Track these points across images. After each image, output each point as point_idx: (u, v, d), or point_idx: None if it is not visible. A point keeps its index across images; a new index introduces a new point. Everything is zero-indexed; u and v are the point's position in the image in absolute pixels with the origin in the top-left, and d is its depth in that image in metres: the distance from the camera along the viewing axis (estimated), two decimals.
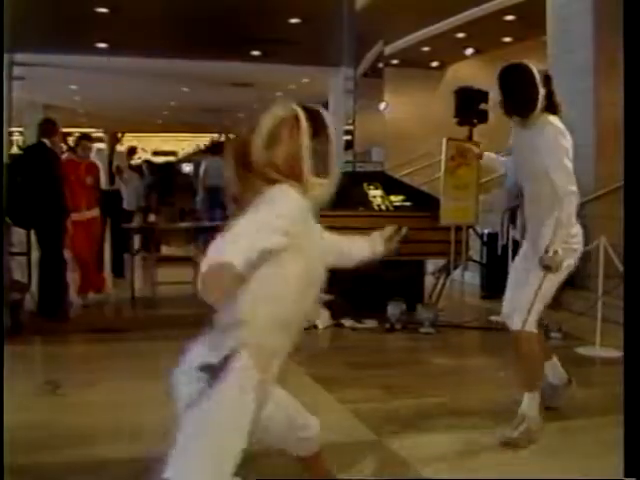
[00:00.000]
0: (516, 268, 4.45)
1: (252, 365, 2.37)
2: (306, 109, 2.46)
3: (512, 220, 10.02)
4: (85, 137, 8.84)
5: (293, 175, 2.38)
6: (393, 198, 8.02)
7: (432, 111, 15.53)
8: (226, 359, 2.33)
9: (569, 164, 4.02)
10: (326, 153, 2.47)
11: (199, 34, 14.25)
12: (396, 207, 7.94)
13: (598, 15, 8.71)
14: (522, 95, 4.16)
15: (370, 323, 7.34)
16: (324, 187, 2.49)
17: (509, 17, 12.87)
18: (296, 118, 2.43)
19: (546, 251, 3.99)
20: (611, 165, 8.63)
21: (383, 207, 7.90)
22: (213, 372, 2.28)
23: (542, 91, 4.12)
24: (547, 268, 4.03)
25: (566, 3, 9.40)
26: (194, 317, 8.18)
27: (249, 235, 2.11)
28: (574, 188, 4.00)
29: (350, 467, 3.78)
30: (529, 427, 4.15)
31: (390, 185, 8.30)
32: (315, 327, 7.19)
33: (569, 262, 4.16)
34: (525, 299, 4.19)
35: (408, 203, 8.05)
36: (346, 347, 6.71)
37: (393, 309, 7.28)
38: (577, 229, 4.19)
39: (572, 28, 9.18)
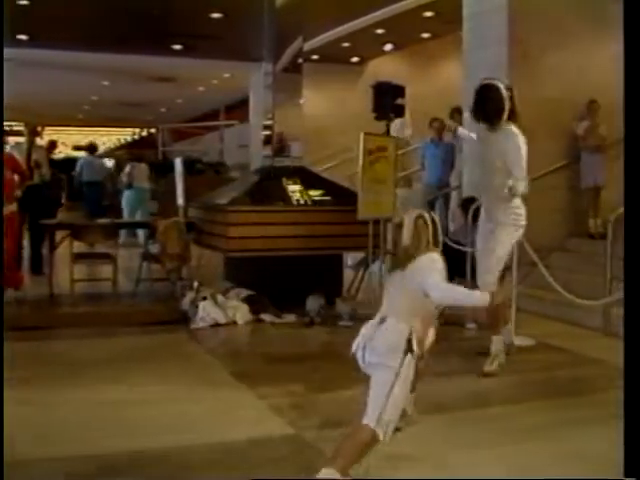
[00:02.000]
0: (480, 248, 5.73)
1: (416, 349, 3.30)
2: None
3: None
4: None
5: None
6: (312, 193, 8.02)
7: (351, 106, 15.59)
8: (409, 342, 3.28)
9: (524, 161, 5.34)
10: None
11: (120, 27, 13.98)
12: (315, 202, 7.94)
13: (512, 10, 8.83)
14: (493, 107, 5.39)
15: (289, 318, 7.32)
16: None
17: (428, 13, 12.97)
18: None
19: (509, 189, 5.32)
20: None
21: (302, 202, 7.89)
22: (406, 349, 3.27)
23: (508, 105, 5.38)
24: (511, 190, 5.32)
25: None
26: (113, 315, 8.06)
27: None
28: (525, 178, 5.35)
29: (269, 462, 3.76)
30: (500, 360, 5.57)
31: (309, 180, 8.30)
32: (234, 323, 7.14)
33: (518, 235, 5.63)
34: (487, 267, 5.54)
35: (327, 197, 8.07)
36: (265, 342, 6.68)
37: (312, 303, 7.28)
38: (524, 210, 5.55)
39: (486, 23, 9.28)
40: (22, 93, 22.03)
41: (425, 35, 14.92)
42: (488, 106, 5.43)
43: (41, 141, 11.13)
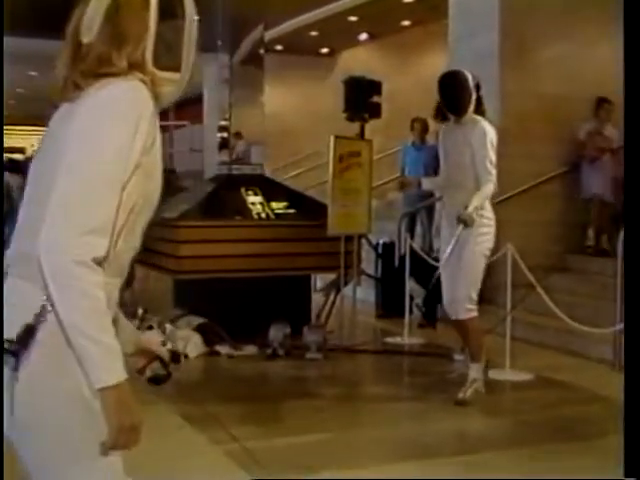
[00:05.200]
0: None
1: None
2: None
3: (411, 228, 10.20)
4: None
5: (136, 66, 2.04)
6: (275, 205, 8.02)
7: (321, 104, 15.68)
8: None
9: (494, 156, 5.53)
10: (180, 40, 2.15)
11: (52, 8, 13.92)
12: (278, 215, 7.95)
13: None
14: (460, 96, 5.61)
15: (249, 349, 7.30)
16: (174, 84, 2.22)
17: None
18: None
19: (465, 208, 5.38)
20: (517, 164, 8.86)
21: (263, 215, 7.89)
22: None
23: (474, 95, 5.60)
24: (464, 222, 5.40)
25: None
26: None
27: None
28: (494, 177, 5.52)
29: None
30: (478, 387, 5.69)
31: (272, 190, 8.31)
32: (185, 356, 7.10)
33: (490, 244, 5.70)
34: (462, 290, 5.61)
35: (292, 210, 8.08)
36: (221, 378, 6.66)
37: (275, 332, 7.26)
38: (492, 214, 5.67)
39: (475, 9, 9.38)
40: None
41: (405, 23, 15.08)
42: (455, 94, 5.64)
43: None
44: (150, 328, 7.16)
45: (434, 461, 4.56)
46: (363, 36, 16.24)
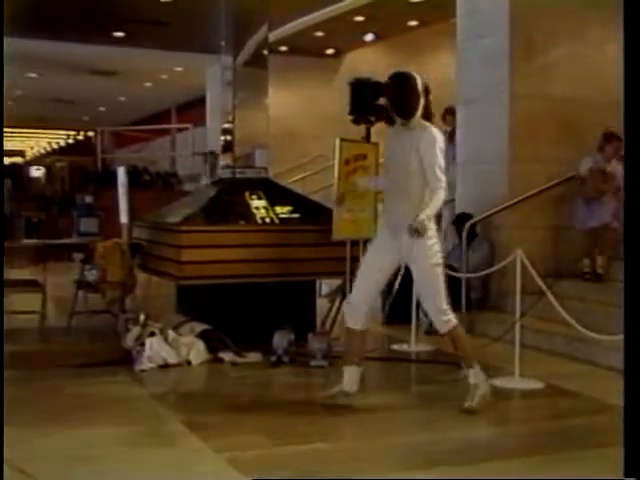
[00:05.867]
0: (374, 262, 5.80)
1: None
2: None
3: None
4: None
5: None
6: (279, 209, 8.07)
7: (326, 106, 15.71)
8: None
9: (443, 163, 5.51)
10: None
11: (51, 9, 13.98)
12: (282, 220, 7.99)
13: None
14: (409, 99, 5.60)
15: (253, 357, 7.34)
16: None
17: None
18: None
19: (417, 216, 5.32)
20: (528, 168, 8.90)
21: (267, 220, 7.94)
22: None
23: (423, 100, 5.61)
24: (416, 232, 5.31)
25: None
26: (41, 354, 8.01)
27: None
28: (444, 184, 5.50)
29: None
30: (484, 394, 5.64)
31: (276, 194, 8.35)
32: (188, 363, 7.15)
33: (440, 254, 5.65)
34: (438, 304, 5.63)
35: (296, 215, 8.12)
36: (225, 386, 6.68)
37: (280, 339, 7.30)
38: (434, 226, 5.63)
39: (484, 9, 9.41)
40: None
41: (412, 23, 15.10)
42: (403, 96, 5.63)
43: None
44: (152, 335, 7.22)
45: (442, 470, 4.57)
46: (369, 36, 16.26)
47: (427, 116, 5.66)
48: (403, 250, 5.61)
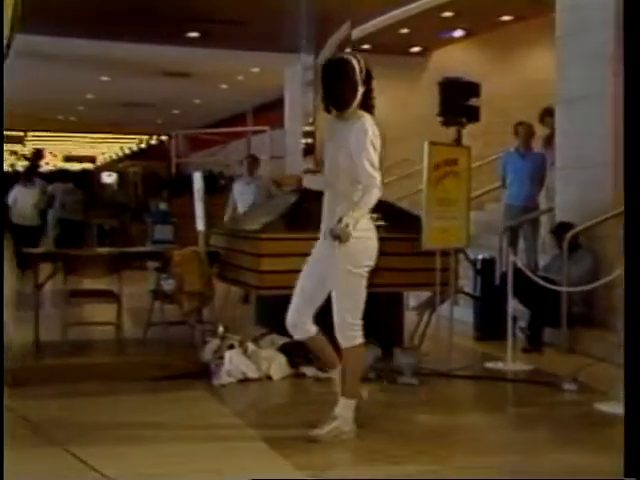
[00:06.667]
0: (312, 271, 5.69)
1: None
2: None
3: (513, 242, 10.13)
4: None
5: None
6: None
7: (412, 107, 15.69)
8: None
9: (375, 158, 5.21)
10: None
11: (123, 9, 14.20)
12: None
13: None
14: (343, 88, 5.24)
15: (337, 372, 7.32)
16: None
17: None
18: None
19: (339, 221, 5.05)
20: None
21: None
22: None
23: (361, 89, 5.23)
24: (337, 238, 5.08)
25: None
26: (116, 366, 8.13)
27: None
28: (378, 181, 5.21)
29: None
30: (339, 427, 5.38)
31: None
32: (269, 378, 7.18)
33: (364, 262, 5.38)
34: (344, 315, 5.50)
35: (382, 222, 8.07)
36: (306, 402, 6.69)
37: (365, 355, 7.28)
38: (369, 224, 5.41)
39: (587, 1, 9.26)
40: None
41: (506, 18, 14.97)
42: (336, 85, 5.28)
43: (24, 149, 11.43)
44: (231, 347, 7.26)
45: None
46: (458, 33, 16.17)
47: (367, 106, 5.34)
48: (320, 253, 5.55)
